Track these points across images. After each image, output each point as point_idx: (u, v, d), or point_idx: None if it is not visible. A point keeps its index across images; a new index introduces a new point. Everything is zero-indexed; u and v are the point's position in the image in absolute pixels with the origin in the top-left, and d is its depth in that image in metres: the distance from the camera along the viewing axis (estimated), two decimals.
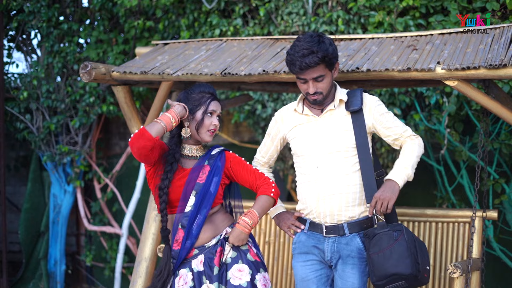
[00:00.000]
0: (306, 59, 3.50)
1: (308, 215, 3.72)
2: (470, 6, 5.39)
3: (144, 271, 4.76)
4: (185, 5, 6.11)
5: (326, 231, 3.63)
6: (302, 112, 3.72)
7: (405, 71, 3.80)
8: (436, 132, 5.73)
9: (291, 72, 3.65)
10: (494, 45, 3.87)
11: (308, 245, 3.70)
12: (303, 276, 3.71)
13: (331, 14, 5.53)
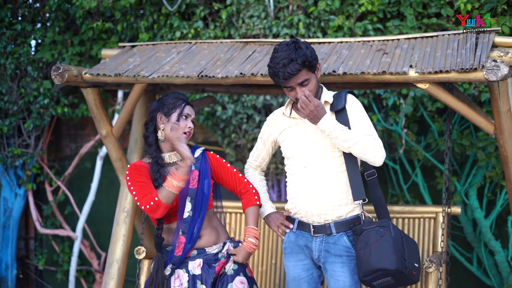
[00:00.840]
0: (287, 68, 3.56)
1: (296, 214, 3.80)
2: (425, 11, 5.63)
3: (116, 272, 4.78)
4: (144, 7, 6.12)
5: (313, 230, 3.71)
6: (290, 116, 3.81)
7: (380, 74, 3.95)
8: (393, 133, 5.95)
9: (277, 83, 3.69)
10: (461, 50, 4.07)
11: (298, 245, 3.78)
12: (294, 275, 3.80)
13: (292, 18, 5.66)
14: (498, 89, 3.98)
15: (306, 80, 3.63)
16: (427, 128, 6.09)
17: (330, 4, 5.62)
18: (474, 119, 4.16)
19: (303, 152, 3.73)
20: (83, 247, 7.18)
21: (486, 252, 6.10)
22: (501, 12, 5.43)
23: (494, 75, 3.70)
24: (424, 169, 6.16)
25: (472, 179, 5.95)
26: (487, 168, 5.90)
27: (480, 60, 3.86)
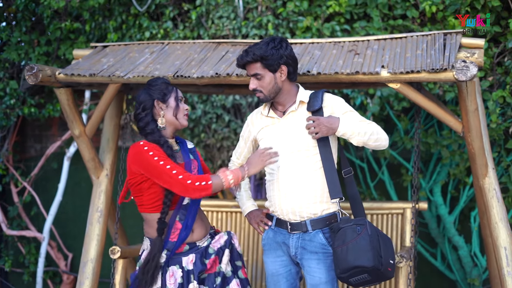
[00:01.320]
0: (240, 57, 3.78)
1: (274, 212, 3.87)
2: (391, 13, 5.76)
3: (90, 272, 4.80)
4: (113, 7, 6.13)
5: (290, 228, 3.78)
6: (267, 115, 3.89)
7: (353, 74, 4.06)
8: None
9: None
10: (430, 51, 4.20)
11: (276, 241, 3.85)
12: (273, 271, 3.87)
13: (261, 19, 5.74)
14: (466, 89, 4.11)
15: (258, 74, 3.75)
16: (393, 127, 6.23)
17: (298, 5, 5.72)
18: (443, 118, 4.29)
19: (278, 151, 3.76)
20: (50, 248, 7.14)
21: (449, 247, 6.28)
22: (465, 13, 5.59)
23: (464, 75, 3.83)
24: (390, 167, 6.31)
25: (436, 177, 6.11)
26: (450, 166, 6.06)
27: (449, 60, 3.99)
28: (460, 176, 5.99)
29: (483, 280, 6.21)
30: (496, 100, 5.63)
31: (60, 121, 7.32)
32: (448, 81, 4.02)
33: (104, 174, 4.99)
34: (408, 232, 4.77)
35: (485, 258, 6.17)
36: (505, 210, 4.40)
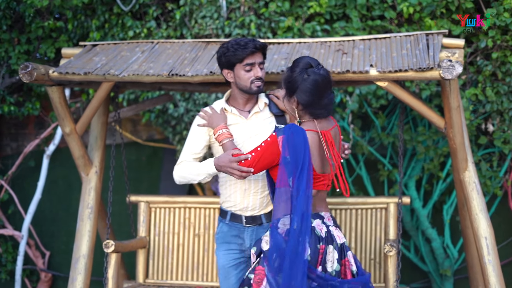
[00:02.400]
0: (257, 41, 3.89)
1: (230, 207, 4.04)
2: (369, 14, 5.96)
3: (83, 268, 4.87)
4: (96, 6, 6.20)
5: (246, 221, 3.99)
6: (231, 112, 3.99)
7: (343, 73, 4.24)
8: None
9: (238, 58, 3.87)
10: (415, 51, 4.40)
11: (229, 235, 4.03)
12: (224, 263, 4.03)
13: (243, 19, 5.88)
14: (450, 87, 4.32)
15: (263, 63, 3.94)
16: (370, 124, 6.44)
17: (280, 5, 5.88)
18: (426, 115, 4.50)
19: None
20: (27, 247, 7.16)
21: (423, 239, 6.52)
22: (440, 15, 5.83)
23: (450, 73, 4.04)
24: (367, 162, 6.52)
25: (411, 171, 6.34)
26: (425, 161, 6.30)
27: (434, 60, 4.20)
28: (434, 171, 6.23)
29: (454, 270, 6.48)
30: (469, 98, 5.89)
31: (37, 119, 7.34)
32: (433, 80, 4.23)
33: (93, 171, 5.07)
34: (392, 226, 4.96)
35: (457, 249, 6.43)
36: (484, 201, 4.62)
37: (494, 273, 4.42)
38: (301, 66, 3.65)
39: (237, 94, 4.03)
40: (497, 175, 6.17)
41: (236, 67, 3.91)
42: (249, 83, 3.91)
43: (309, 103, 3.64)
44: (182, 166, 4.00)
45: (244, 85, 3.93)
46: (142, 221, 5.21)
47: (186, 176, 3.97)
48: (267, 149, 3.61)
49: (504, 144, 6.06)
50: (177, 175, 4.03)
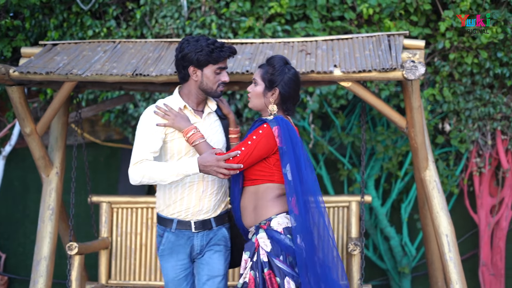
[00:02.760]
0: (231, 46, 3.82)
1: (177, 213, 3.82)
2: (329, 14, 6.02)
3: (44, 270, 4.81)
4: (53, 5, 6.11)
5: (195, 227, 3.81)
6: (189, 111, 3.86)
7: (308, 73, 4.27)
8: (300, 128, 6.31)
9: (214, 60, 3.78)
10: (378, 51, 4.46)
11: (177, 245, 3.82)
12: (173, 277, 3.83)
13: (204, 19, 5.87)
14: (411, 87, 4.39)
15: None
16: (330, 123, 6.50)
17: (241, 6, 5.89)
18: (388, 114, 4.57)
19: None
20: None
21: (381, 238, 6.61)
22: (399, 16, 5.92)
23: (413, 74, 4.11)
24: (327, 162, 6.58)
25: (370, 171, 6.43)
26: (383, 160, 6.39)
27: (397, 60, 4.26)
28: (392, 170, 6.32)
29: (412, 268, 6.59)
30: (427, 98, 5.99)
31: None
32: (396, 80, 4.29)
33: (54, 172, 5.00)
34: (354, 224, 5.03)
35: (414, 247, 6.54)
36: (445, 200, 4.72)
37: (455, 270, 4.51)
38: (281, 61, 3.75)
39: (195, 93, 3.87)
40: (453, 173, 6.30)
41: (207, 67, 3.79)
42: (216, 86, 3.83)
43: (290, 95, 3.72)
44: (146, 166, 3.67)
45: (210, 87, 3.83)
46: (104, 221, 5.17)
47: (154, 176, 3.67)
48: (260, 142, 3.59)
49: (460, 144, 6.19)
50: (139, 175, 3.68)
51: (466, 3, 5.71)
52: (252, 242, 3.65)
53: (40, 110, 6.72)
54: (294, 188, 3.57)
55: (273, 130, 3.60)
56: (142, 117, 3.83)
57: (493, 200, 6.40)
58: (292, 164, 3.58)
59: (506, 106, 6.16)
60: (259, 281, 3.58)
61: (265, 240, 3.61)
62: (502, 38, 5.80)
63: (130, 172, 3.73)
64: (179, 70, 3.86)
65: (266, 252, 3.60)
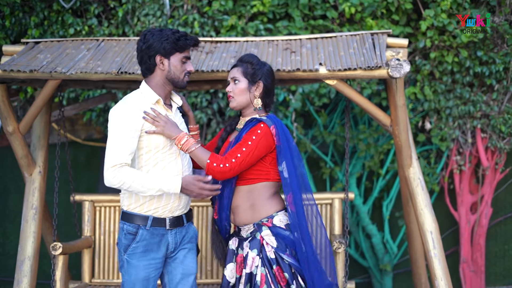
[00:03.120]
0: (195, 37, 3.80)
1: (153, 210, 3.74)
2: (311, 13, 6.04)
3: (28, 269, 4.75)
4: (34, 3, 6.07)
5: (170, 224, 3.75)
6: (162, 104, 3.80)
7: (293, 71, 4.28)
8: None
9: (180, 48, 3.74)
10: (362, 50, 4.49)
11: (152, 243, 3.73)
12: (145, 275, 3.73)
13: (186, 17, 5.86)
14: (396, 85, 4.42)
15: None
16: (312, 122, 6.52)
17: (223, 4, 5.89)
18: (373, 113, 4.60)
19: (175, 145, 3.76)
20: None
21: (363, 235, 6.65)
22: (380, 15, 5.96)
23: (398, 72, 4.15)
24: (309, 160, 6.60)
25: (352, 169, 6.46)
26: (365, 158, 6.43)
27: (381, 59, 4.29)
28: (374, 168, 6.37)
29: (393, 265, 6.64)
30: (408, 96, 6.04)
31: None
32: (381, 78, 4.32)
33: (37, 172, 4.96)
34: (337, 221, 5.05)
35: (396, 245, 6.59)
36: (429, 197, 4.76)
37: (440, 266, 4.55)
38: (255, 57, 3.86)
39: (162, 84, 3.79)
40: (434, 171, 6.36)
41: (174, 56, 3.74)
42: (183, 75, 3.79)
43: (271, 87, 3.83)
44: (127, 173, 3.60)
45: (177, 76, 3.76)
46: (87, 220, 5.14)
47: (134, 186, 3.60)
48: (260, 141, 3.62)
49: (441, 142, 6.25)
50: (118, 181, 3.60)
51: (446, 3, 5.77)
52: (257, 240, 3.67)
53: (20, 109, 6.66)
54: (290, 185, 3.62)
55: (271, 129, 3.64)
56: (114, 115, 3.69)
57: (473, 198, 6.47)
58: (288, 161, 3.63)
59: (486, 104, 6.23)
60: (271, 278, 3.61)
61: (270, 237, 3.66)
62: (482, 37, 5.87)
63: (107, 175, 3.62)
64: (143, 61, 3.78)
65: (273, 249, 3.64)
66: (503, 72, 6.11)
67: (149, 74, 3.80)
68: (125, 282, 3.73)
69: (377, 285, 6.67)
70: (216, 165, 3.58)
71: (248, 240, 3.71)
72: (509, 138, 6.32)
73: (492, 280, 6.78)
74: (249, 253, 3.68)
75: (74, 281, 5.13)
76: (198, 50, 4.64)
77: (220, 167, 3.57)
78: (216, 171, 3.58)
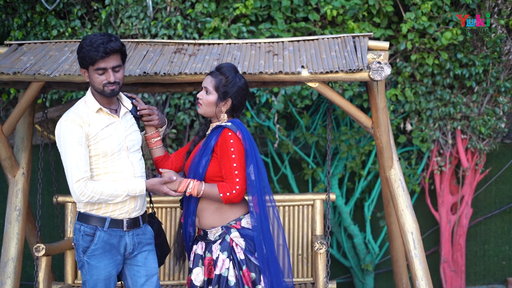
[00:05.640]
0: (110, 44, 3.63)
1: (111, 212, 3.78)
2: (294, 16, 6.09)
3: (12, 271, 4.77)
4: (16, 5, 6.07)
5: (127, 226, 3.80)
6: (106, 112, 3.81)
7: (276, 74, 4.33)
8: (264, 128, 6.38)
9: (91, 60, 3.67)
10: (344, 53, 4.54)
11: (110, 243, 3.77)
12: (106, 275, 3.77)
13: (169, 19, 5.89)
14: (377, 88, 4.48)
15: (120, 66, 3.74)
16: (294, 123, 6.57)
17: (206, 6, 5.92)
18: (354, 115, 4.65)
19: (125, 150, 3.81)
20: None
21: (345, 236, 6.71)
22: (362, 18, 6.02)
23: (379, 75, 4.20)
24: (292, 161, 6.65)
25: (334, 170, 6.52)
26: (347, 159, 6.49)
27: (363, 61, 4.35)
28: (355, 169, 6.43)
29: (375, 265, 6.70)
30: (389, 98, 6.11)
31: None
32: (362, 81, 4.37)
33: (20, 173, 4.97)
34: (318, 222, 5.11)
35: (377, 245, 6.66)
36: (410, 198, 4.82)
37: (420, 266, 4.61)
38: (232, 71, 3.87)
39: (97, 93, 3.79)
40: (415, 172, 6.43)
41: (89, 68, 3.71)
42: (102, 86, 3.72)
43: (241, 104, 3.89)
44: (93, 188, 3.66)
45: (98, 88, 3.74)
46: (69, 222, 5.15)
47: (103, 198, 3.70)
48: (238, 150, 3.74)
49: (422, 143, 6.33)
50: (86, 196, 3.66)
51: (427, 6, 5.84)
52: (227, 242, 3.76)
53: (2, 110, 6.65)
54: (256, 187, 3.74)
55: (237, 134, 3.75)
56: (60, 130, 3.72)
57: (454, 198, 6.55)
58: (254, 164, 3.75)
59: (466, 106, 6.31)
60: (240, 280, 3.71)
61: (239, 239, 3.75)
62: (462, 39, 5.94)
63: (74, 192, 3.67)
64: None
65: (242, 250, 3.73)
66: (483, 74, 6.19)
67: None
68: (87, 282, 3.79)
69: (359, 284, 6.73)
70: (229, 194, 3.71)
71: (218, 242, 3.79)
72: (489, 140, 6.41)
73: (472, 280, 6.87)
74: (220, 255, 3.76)
75: (58, 282, 5.14)
76: (181, 52, 4.68)
77: (233, 194, 3.71)
78: (233, 198, 3.72)
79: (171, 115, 6.26)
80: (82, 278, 3.86)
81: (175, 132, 6.24)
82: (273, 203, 3.88)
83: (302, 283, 5.13)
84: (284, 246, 3.95)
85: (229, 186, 3.71)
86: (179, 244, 4.04)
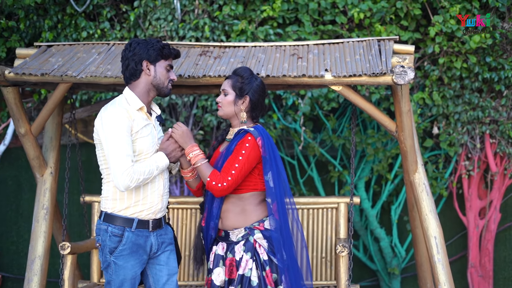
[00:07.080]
0: (177, 49, 4.00)
1: (138, 213, 3.86)
2: (321, 18, 6.10)
3: (38, 268, 4.86)
4: (48, 6, 6.17)
5: (152, 226, 3.89)
6: (145, 111, 3.94)
7: (299, 77, 4.34)
8: (291, 130, 6.39)
9: (165, 55, 3.93)
10: (368, 56, 4.53)
11: (138, 244, 3.85)
12: (133, 275, 3.86)
13: (197, 21, 5.94)
14: (401, 92, 4.47)
15: None
16: (321, 126, 6.58)
17: (234, 9, 5.96)
18: (378, 118, 4.64)
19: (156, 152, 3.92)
20: None
21: (371, 239, 6.69)
22: (389, 21, 6.00)
23: (402, 79, 4.19)
24: (318, 164, 6.66)
25: (360, 173, 6.51)
26: (374, 162, 6.47)
27: (387, 65, 4.34)
28: (382, 172, 6.41)
29: (401, 269, 6.67)
30: (417, 101, 6.08)
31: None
32: (385, 84, 4.37)
33: (48, 172, 5.06)
34: (342, 225, 5.12)
35: (404, 249, 6.62)
36: (434, 202, 4.79)
37: (443, 271, 4.59)
38: (248, 71, 4.02)
39: (146, 91, 3.92)
40: (442, 176, 6.39)
41: (159, 63, 3.91)
42: (167, 82, 3.95)
43: (258, 101, 3.98)
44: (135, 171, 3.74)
45: (162, 83, 3.92)
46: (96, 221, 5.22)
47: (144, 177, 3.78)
48: (250, 155, 3.81)
49: (449, 147, 6.28)
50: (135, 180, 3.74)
51: (455, 9, 5.80)
52: (250, 243, 3.85)
53: (34, 110, 6.76)
54: (275, 194, 3.82)
55: (257, 140, 3.83)
56: (108, 119, 3.79)
57: (482, 203, 6.49)
58: (274, 171, 3.83)
59: (495, 110, 6.25)
60: (263, 280, 3.80)
61: (262, 240, 3.84)
62: (490, 43, 5.89)
63: (122, 180, 3.72)
64: (129, 68, 3.92)
65: (265, 251, 3.83)
66: None
67: (134, 81, 3.93)
68: (112, 281, 3.85)
69: None
70: (215, 183, 3.77)
71: (241, 243, 3.86)
72: None
73: (500, 285, 6.80)
74: (244, 256, 3.83)
75: (84, 281, 5.21)
76: (206, 54, 4.72)
77: (218, 186, 3.76)
78: (215, 189, 3.78)
79: (198, 116, 6.32)
80: (106, 278, 3.91)
81: (202, 134, 6.30)
82: (293, 205, 3.92)
83: (325, 286, 5.14)
84: (303, 249, 3.99)
85: (220, 178, 3.77)
86: (198, 248, 4.12)
